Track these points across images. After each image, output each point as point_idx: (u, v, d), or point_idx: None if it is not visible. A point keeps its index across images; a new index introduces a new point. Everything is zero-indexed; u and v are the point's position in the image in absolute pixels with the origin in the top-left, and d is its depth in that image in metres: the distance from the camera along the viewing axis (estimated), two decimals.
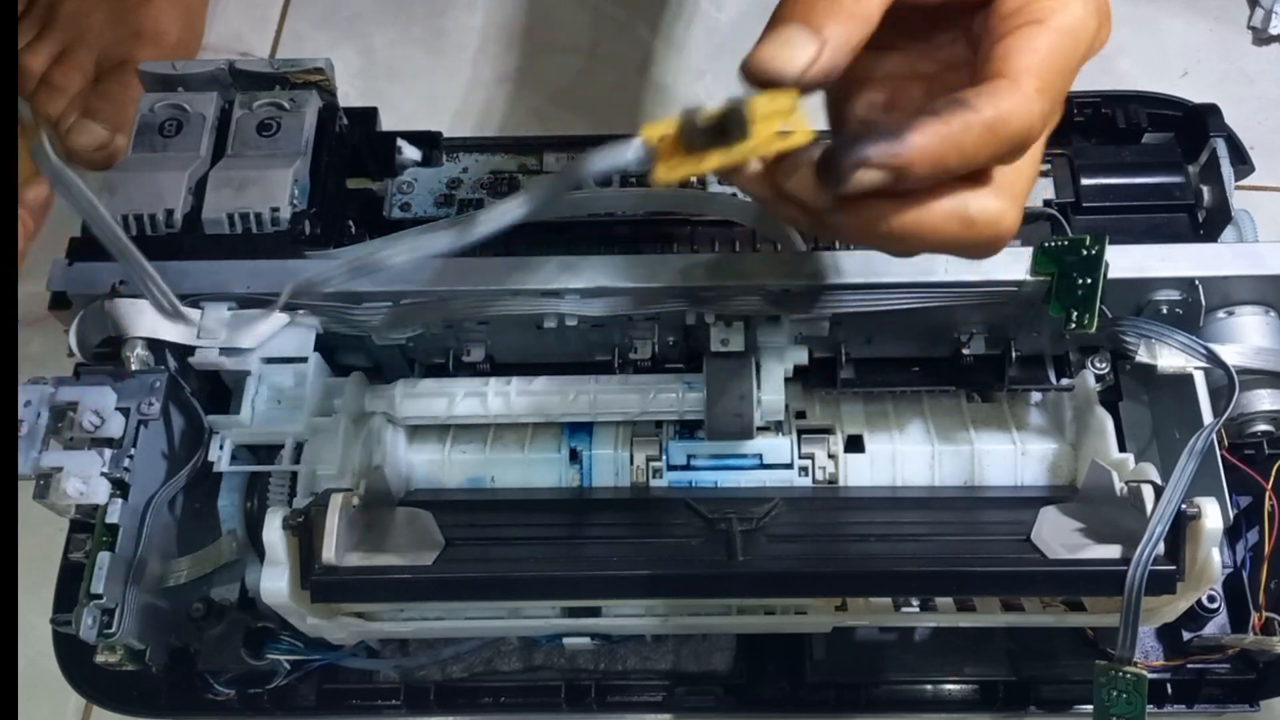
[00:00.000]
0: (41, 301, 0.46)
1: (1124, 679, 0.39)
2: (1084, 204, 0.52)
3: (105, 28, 0.66)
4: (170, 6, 0.67)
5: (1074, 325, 0.42)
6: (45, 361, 0.49)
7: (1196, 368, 0.44)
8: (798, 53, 0.31)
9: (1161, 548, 0.38)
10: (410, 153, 0.55)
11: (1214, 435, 0.41)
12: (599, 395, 0.46)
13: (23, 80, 0.64)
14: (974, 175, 0.32)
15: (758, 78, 0.31)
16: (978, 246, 0.33)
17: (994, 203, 0.32)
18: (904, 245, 0.33)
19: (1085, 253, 0.42)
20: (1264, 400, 0.45)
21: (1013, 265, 0.43)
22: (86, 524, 0.44)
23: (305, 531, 0.40)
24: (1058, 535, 0.41)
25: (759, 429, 0.46)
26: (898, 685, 0.50)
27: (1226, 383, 0.42)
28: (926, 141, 0.30)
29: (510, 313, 0.45)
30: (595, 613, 0.45)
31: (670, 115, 0.30)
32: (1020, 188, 0.33)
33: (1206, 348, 0.43)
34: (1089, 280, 0.41)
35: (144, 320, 0.45)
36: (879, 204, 0.31)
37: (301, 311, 0.45)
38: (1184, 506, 0.38)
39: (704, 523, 0.42)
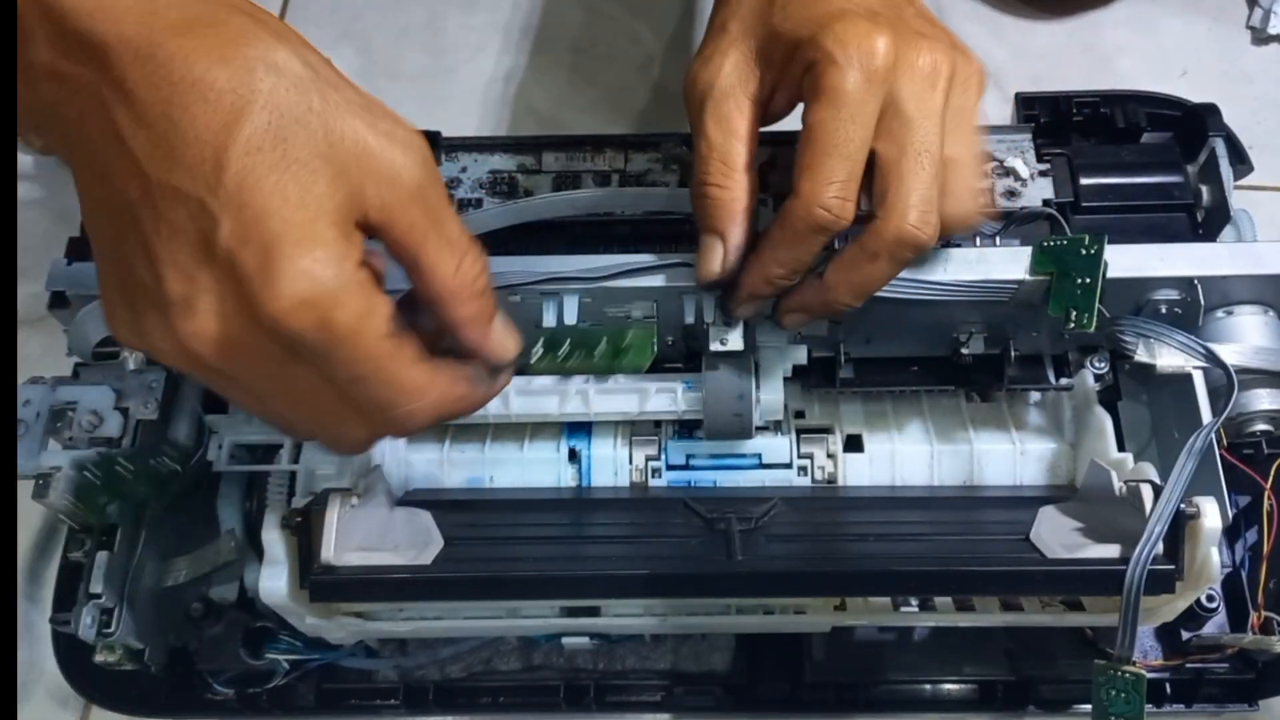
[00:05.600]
0: (41, 301, 0.46)
1: (1123, 678, 0.39)
2: (1083, 203, 0.52)
3: None
4: None
5: (1073, 325, 0.42)
6: (44, 361, 0.49)
7: (1195, 367, 0.44)
8: (714, 261, 0.39)
9: (1160, 547, 0.38)
10: None
11: (1213, 435, 0.41)
12: (598, 395, 0.46)
13: None
14: None
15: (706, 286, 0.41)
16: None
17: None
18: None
19: (1084, 252, 0.42)
20: (1263, 400, 0.45)
21: (1012, 264, 0.43)
22: (86, 524, 0.45)
23: (304, 531, 0.40)
24: (1057, 535, 0.41)
25: (758, 429, 0.46)
26: (897, 685, 0.50)
27: (1225, 382, 0.42)
28: (839, 280, 0.39)
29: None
30: (594, 612, 0.45)
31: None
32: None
33: (1205, 347, 0.43)
34: (1088, 279, 0.41)
35: None
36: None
37: None
38: (1183, 506, 0.38)
39: (703, 522, 0.42)
